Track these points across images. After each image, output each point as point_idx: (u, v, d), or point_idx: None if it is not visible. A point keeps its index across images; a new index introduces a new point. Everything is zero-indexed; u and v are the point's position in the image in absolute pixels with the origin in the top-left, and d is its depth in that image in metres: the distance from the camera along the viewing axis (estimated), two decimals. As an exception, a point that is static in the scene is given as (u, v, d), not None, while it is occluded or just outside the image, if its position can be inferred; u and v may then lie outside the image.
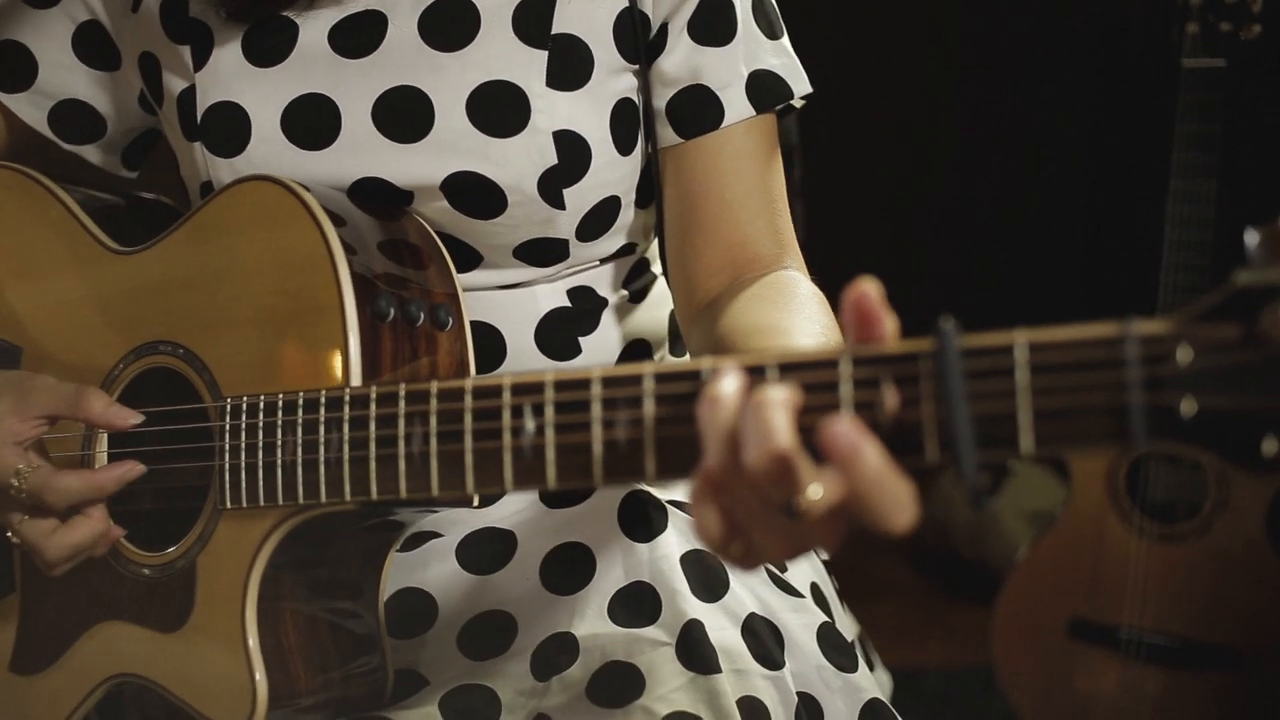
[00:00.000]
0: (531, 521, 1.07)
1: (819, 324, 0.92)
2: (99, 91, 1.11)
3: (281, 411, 0.86)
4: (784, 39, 1.07)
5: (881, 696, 1.01)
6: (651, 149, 1.07)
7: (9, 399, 0.92)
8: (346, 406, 0.82)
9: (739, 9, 1.04)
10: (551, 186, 1.00)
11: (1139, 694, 1.79)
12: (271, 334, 0.90)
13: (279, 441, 0.86)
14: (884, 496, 0.62)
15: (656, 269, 1.17)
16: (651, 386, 0.70)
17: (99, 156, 1.15)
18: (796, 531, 0.66)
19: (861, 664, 1.03)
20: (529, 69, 1.00)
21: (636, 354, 1.14)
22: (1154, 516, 1.81)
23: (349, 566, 0.97)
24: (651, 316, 1.16)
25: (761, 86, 1.04)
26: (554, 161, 1.00)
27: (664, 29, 1.03)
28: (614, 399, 0.71)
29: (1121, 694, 1.81)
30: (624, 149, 1.04)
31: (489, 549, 1.07)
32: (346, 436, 0.82)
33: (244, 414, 0.88)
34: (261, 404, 0.87)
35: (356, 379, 0.87)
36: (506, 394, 0.75)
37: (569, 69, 1.01)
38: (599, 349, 1.11)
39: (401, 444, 0.79)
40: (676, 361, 0.72)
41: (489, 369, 1.06)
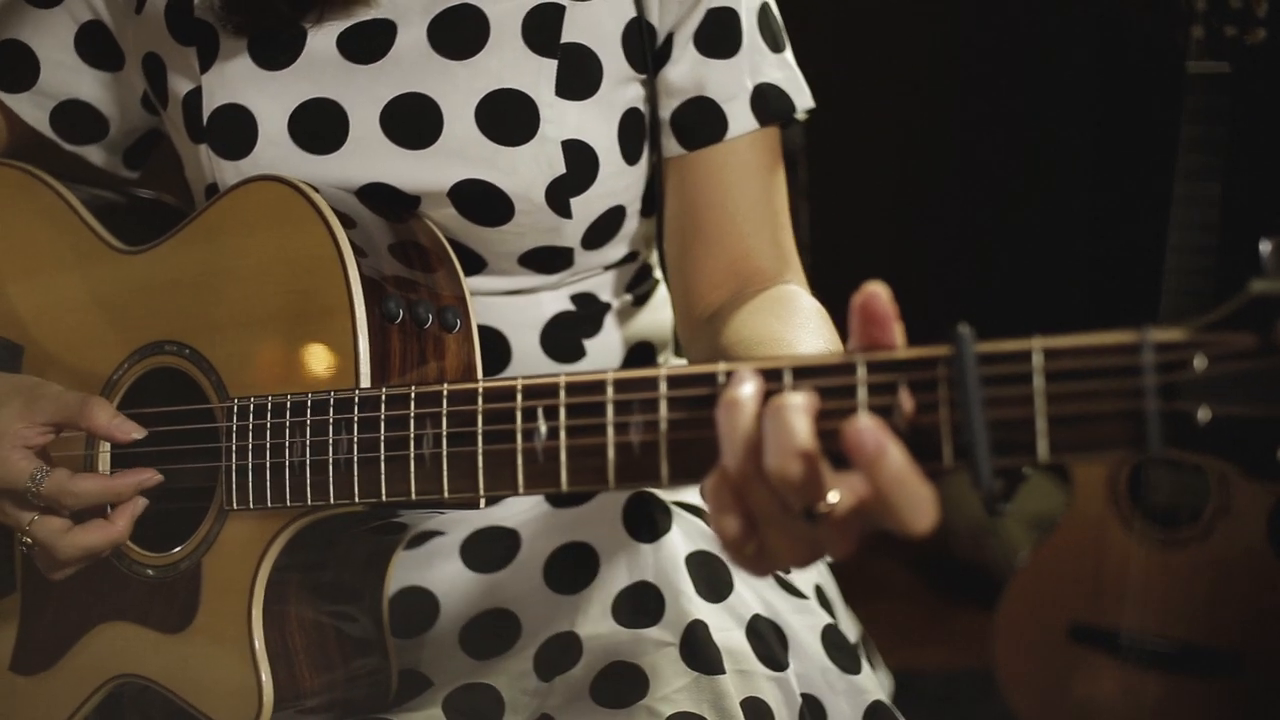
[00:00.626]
0: (536, 520, 1.07)
1: (822, 337, 0.92)
2: (101, 92, 1.11)
3: (290, 413, 0.86)
4: (787, 52, 1.08)
5: (885, 699, 1.01)
6: (656, 158, 1.07)
7: (16, 404, 0.92)
8: (356, 408, 0.82)
9: (745, 21, 1.04)
10: (559, 195, 1.00)
11: (1139, 698, 1.79)
12: (279, 335, 0.90)
13: (287, 443, 0.86)
14: (907, 497, 0.62)
15: (659, 274, 1.17)
16: (666, 390, 0.70)
17: (101, 157, 1.15)
18: (813, 536, 0.66)
19: (865, 666, 1.03)
20: (538, 78, 1.00)
21: (641, 356, 1.14)
22: (1155, 521, 1.81)
23: (354, 569, 0.97)
24: (655, 319, 1.16)
25: (765, 100, 1.04)
26: (562, 171, 1.00)
27: (670, 39, 1.04)
28: (628, 402, 0.71)
29: (1122, 698, 1.81)
30: (631, 159, 1.04)
31: (493, 547, 1.07)
32: (356, 438, 0.82)
33: (251, 415, 0.88)
34: (269, 405, 0.87)
35: (366, 380, 0.86)
36: (519, 396, 0.74)
37: (578, 78, 1.01)
38: (603, 352, 1.11)
39: (412, 446, 0.79)
40: (690, 365, 0.71)
41: (493, 373, 1.05)
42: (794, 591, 1.05)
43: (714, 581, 0.99)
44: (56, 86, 1.10)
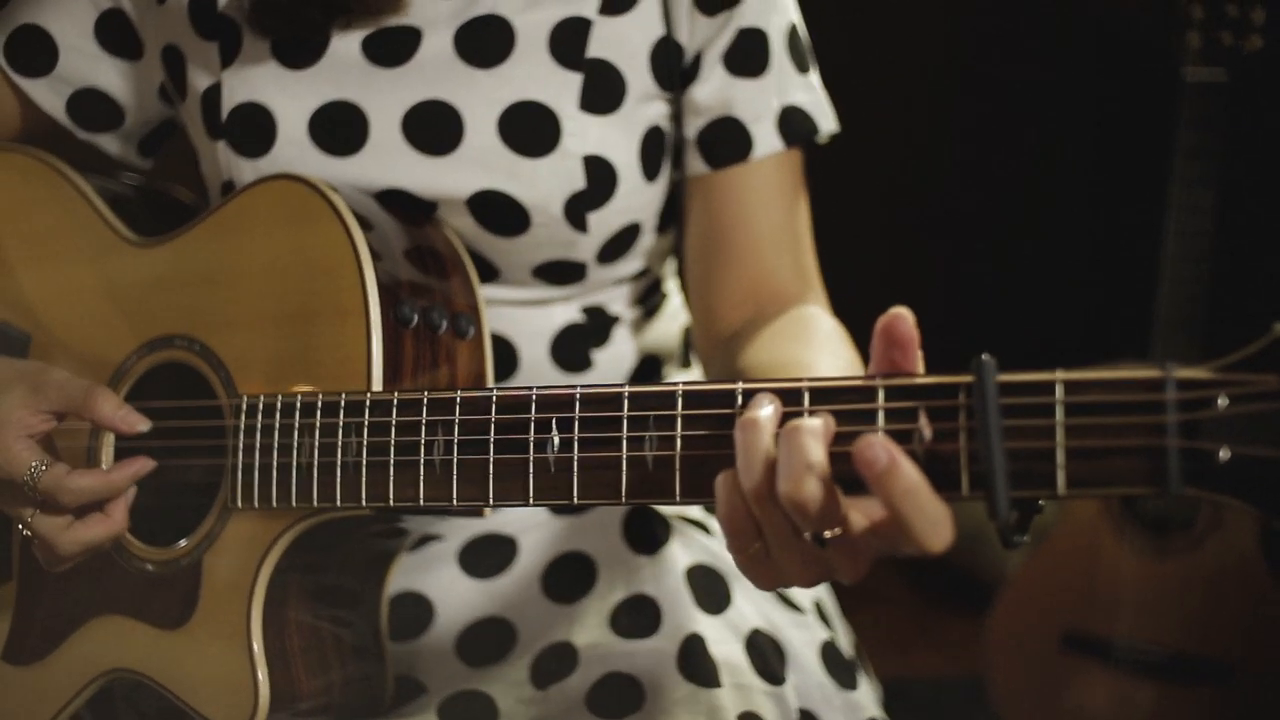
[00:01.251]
0: (535, 529, 1.07)
1: (842, 359, 0.92)
2: (119, 81, 1.10)
3: (299, 413, 0.85)
4: (814, 73, 1.08)
5: (881, 716, 1.01)
6: (679, 177, 1.07)
7: (20, 390, 0.91)
8: (367, 411, 0.82)
9: (774, 42, 1.04)
10: (577, 210, 1.00)
11: (1131, 707, 1.80)
12: (292, 334, 0.89)
13: (295, 443, 0.85)
14: (921, 513, 0.62)
15: (667, 287, 1.17)
16: (682, 406, 0.70)
17: (115, 146, 1.14)
18: (822, 558, 0.67)
19: (862, 682, 1.03)
20: (562, 91, 0.99)
21: (649, 368, 1.14)
22: (1148, 530, 1.82)
23: (355, 573, 0.97)
24: (663, 332, 1.16)
25: (791, 121, 1.04)
26: (581, 185, 0.99)
27: (698, 59, 1.03)
28: (644, 417, 0.70)
29: (1113, 707, 1.81)
30: (650, 176, 1.04)
31: (491, 554, 1.06)
32: (366, 441, 0.81)
33: (260, 413, 0.87)
34: (279, 404, 0.87)
35: (377, 384, 0.86)
36: (534, 406, 0.74)
37: (602, 93, 1.01)
38: (612, 363, 1.11)
39: (423, 451, 0.79)
40: (707, 382, 0.71)
41: (501, 381, 1.05)
42: (793, 606, 1.05)
43: (713, 594, 0.99)
44: (74, 73, 1.09)
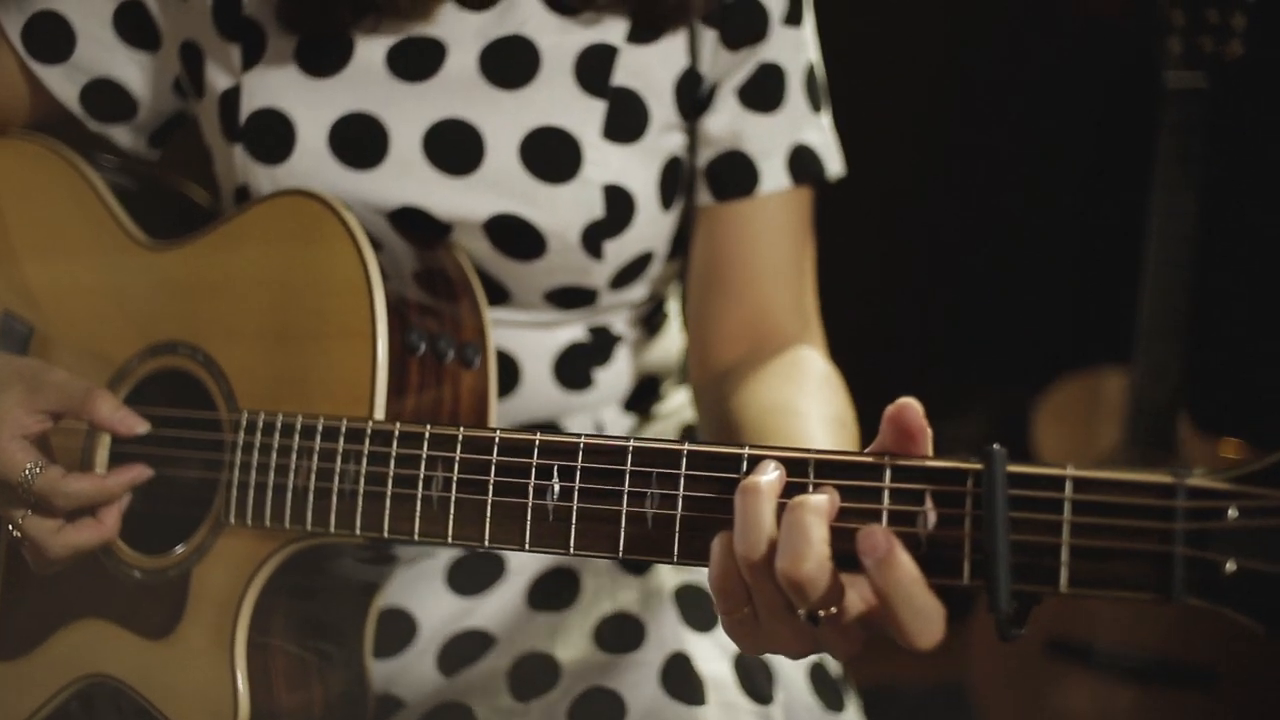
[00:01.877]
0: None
1: (832, 406, 0.92)
2: (135, 72, 1.09)
3: (299, 434, 0.85)
4: (825, 114, 1.08)
5: None
6: (687, 204, 1.07)
7: (18, 389, 0.90)
8: (367, 440, 0.81)
9: (792, 79, 1.04)
10: (594, 238, 1.00)
11: (1114, 712, 1.78)
12: (297, 352, 0.89)
13: (293, 464, 0.84)
14: (913, 607, 0.62)
15: (667, 308, 1.17)
16: (686, 466, 0.69)
17: (126, 137, 1.12)
18: (813, 634, 0.66)
19: (849, 704, 1.03)
20: (586, 118, 0.99)
21: (648, 387, 1.14)
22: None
23: (341, 595, 0.96)
24: (663, 350, 1.17)
25: (800, 160, 1.04)
26: (600, 214, 0.99)
27: (714, 89, 1.03)
28: (646, 473, 0.70)
29: (1097, 712, 1.80)
30: (667, 205, 1.04)
31: (479, 573, 1.06)
32: (364, 470, 0.81)
33: (260, 430, 0.87)
34: (279, 423, 0.86)
35: (380, 411, 0.85)
36: (536, 452, 0.74)
37: (625, 122, 1.00)
38: (612, 382, 1.11)
39: (420, 486, 0.78)
40: (713, 443, 0.71)
41: (503, 397, 1.05)
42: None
43: (701, 613, 0.99)
44: (90, 62, 1.08)
